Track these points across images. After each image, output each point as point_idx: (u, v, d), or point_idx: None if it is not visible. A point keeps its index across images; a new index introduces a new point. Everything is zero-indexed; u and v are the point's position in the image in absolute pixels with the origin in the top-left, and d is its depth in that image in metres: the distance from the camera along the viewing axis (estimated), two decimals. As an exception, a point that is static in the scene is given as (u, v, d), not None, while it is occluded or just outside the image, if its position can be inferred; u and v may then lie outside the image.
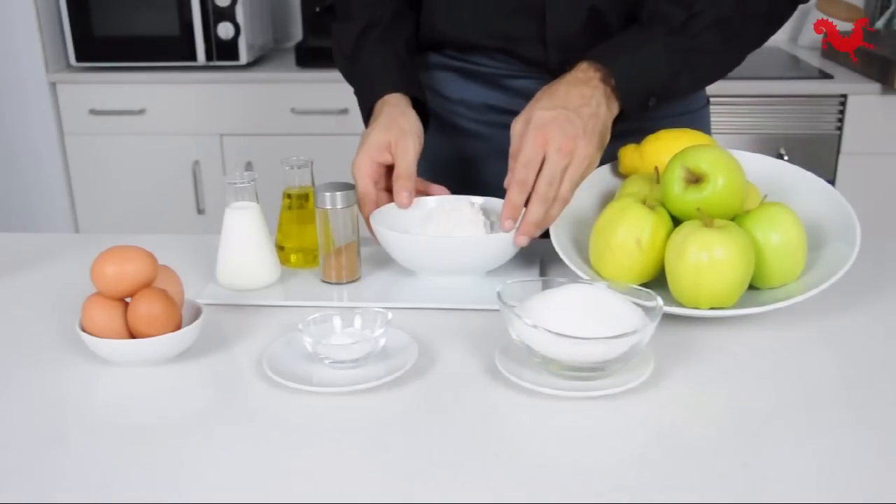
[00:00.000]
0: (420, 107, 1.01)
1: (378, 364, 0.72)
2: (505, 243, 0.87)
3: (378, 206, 0.93)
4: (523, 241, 0.86)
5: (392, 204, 0.94)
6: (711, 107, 1.17)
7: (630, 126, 0.94)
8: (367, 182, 0.93)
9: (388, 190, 0.95)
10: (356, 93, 1.08)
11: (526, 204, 0.86)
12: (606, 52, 0.91)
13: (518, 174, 0.84)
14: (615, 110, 0.91)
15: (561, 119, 0.85)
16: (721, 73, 0.98)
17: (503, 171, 0.87)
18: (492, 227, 0.92)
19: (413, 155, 0.93)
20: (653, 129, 0.96)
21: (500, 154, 0.91)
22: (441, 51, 1.11)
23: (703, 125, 1.13)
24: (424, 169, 1.14)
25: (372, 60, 1.03)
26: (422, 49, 1.12)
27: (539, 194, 0.84)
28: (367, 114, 1.02)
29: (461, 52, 1.08)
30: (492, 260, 0.89)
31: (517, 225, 0.86)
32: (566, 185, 0.86)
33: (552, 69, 1.01)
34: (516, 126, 0.87)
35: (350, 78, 1.09)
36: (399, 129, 0.93)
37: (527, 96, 1.03)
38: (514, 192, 0.85)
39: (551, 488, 0.57)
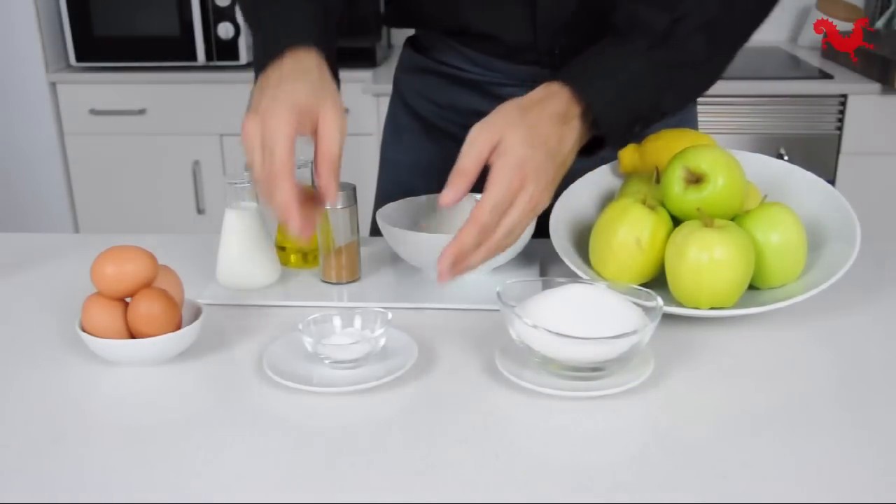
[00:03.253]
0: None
1: (378, 364, 0.72)
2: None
3: (293, 189, 0.71)
4: (450, 278, 0.72)
5: (397, 203, 0.91)
6: (712, 107, 1.17)
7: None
8: (291, 149, 0.71)
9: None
10: (260, 23, 0.85)
11: None
12: (585, 79, 0.79)
13: (484, 217, 0.70)
14: (583, 141, 0.80)
15: (538, 163, 0.73)
16: (708, 85, 0.88)
17: None
18: None
19: (344, 134, 0.74)
20: (652, 129, 0.96)
21: None
22: (429, 55, 1.09)
23: (690, 124, 1.12)
24: (412, 173, 1.13)
25: (294, 8, 0.83)
26: (416, 49, 1.11)
27: (495, 243, 0.73)
28: (271, 56, 0.80)
29: (447, 54, 1.06)
30: (499, 257, 0.88)
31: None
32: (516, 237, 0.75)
33: (540, 55, 0.99)
34: (480, 137, 0.73)
35: (256, 27, 0.87)
36: (332, 98, 0.74)
37: None
38: (471, 235, 0.71)
39: (551, 488, 0.57)
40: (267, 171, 0.70)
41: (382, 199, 1.14)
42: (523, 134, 0.73)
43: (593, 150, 0.84)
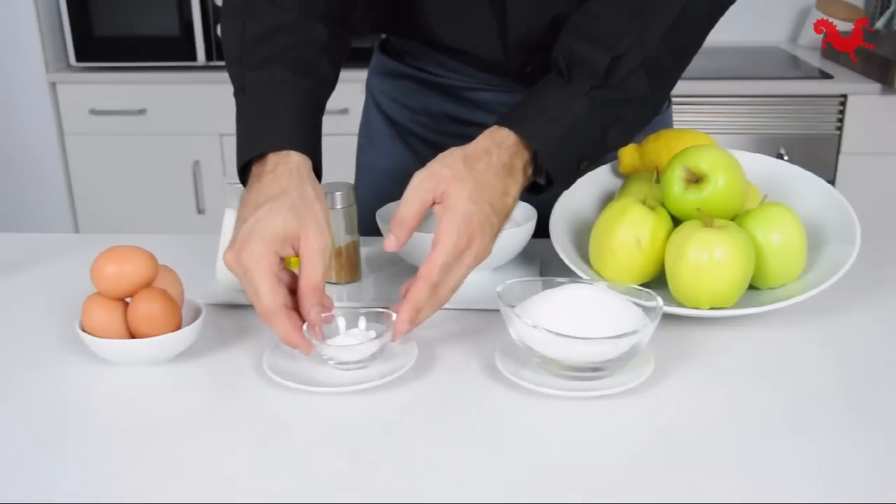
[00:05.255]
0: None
1: (378, 364, 0.72)
2: (514, 239, 0.86)
3: (289, 319, 0.70)
4: (405, 333, 0.72)
5: (397, 203, 0.91)
6: (712, 107, 1.16)
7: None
8: (275, 284, 0.70)
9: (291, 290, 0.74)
10: (243, 119, 0.86)
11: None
12: (531, 126, 0.78)
13: (434, 276, 0.71)
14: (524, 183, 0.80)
15: (483, 218, 0.73)
16: (651, 118, 0.88)
17: None
18: None
19: (327, 257, 0.73)
20: (651, 129, 0.96)
21: None
22: (401, 59, 1.09)
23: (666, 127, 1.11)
24: (385, 178, 1.13)
25: (280, 91, 0.83)
26: (388, 54, 1.11)
27: (443, 298, 0.73)
28: (252, 152, 0.81)
29: (420, 59, 1.06)
30: (499, 256, 0.89)
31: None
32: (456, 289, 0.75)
33: (512, 71, 0.99)
34: (423, 186, 0.73)
35: (239, 87, 0.88)
36: (314, 219, 0.73)
37: (487, 109, 1.02)
38: (424, 293, 0.71)
39: (551, 488, 0.57)
40: (258, 310, 0.70)
41: (361, 205, 1.13)
42: (470, 189, 0.73)
43: (541, 191, 0.83)
